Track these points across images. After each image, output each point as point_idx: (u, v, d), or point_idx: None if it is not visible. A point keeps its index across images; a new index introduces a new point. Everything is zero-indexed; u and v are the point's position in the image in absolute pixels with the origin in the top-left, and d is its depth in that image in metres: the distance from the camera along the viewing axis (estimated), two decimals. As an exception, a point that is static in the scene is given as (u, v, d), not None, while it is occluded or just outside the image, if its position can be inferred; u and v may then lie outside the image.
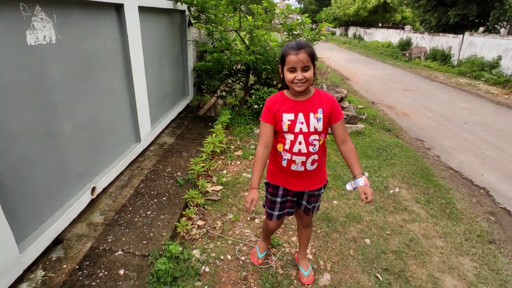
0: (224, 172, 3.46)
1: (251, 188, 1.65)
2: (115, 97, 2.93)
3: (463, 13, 14.16)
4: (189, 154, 3.70)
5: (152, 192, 2.89)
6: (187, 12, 4.78)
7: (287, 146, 1.70)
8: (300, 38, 4.73)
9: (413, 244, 2.56)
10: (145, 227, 2.44)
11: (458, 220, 2.92)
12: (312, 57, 1.58)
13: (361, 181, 1.60)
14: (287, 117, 1.67)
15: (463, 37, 13.50)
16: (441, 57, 14.24)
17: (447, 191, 3.41)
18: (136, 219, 2.52)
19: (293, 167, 1.74)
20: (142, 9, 3.34)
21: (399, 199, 3.20)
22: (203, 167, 3.16)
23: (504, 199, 3.44)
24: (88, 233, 2.34)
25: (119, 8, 2.87)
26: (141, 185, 2.99)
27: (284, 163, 1.76)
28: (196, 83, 5.83)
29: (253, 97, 4.84)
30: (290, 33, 4.66)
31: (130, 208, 2.65)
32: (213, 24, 4.89)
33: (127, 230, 2.40)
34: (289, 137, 1.69)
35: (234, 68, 5.42)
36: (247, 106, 4.98)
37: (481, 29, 15.98)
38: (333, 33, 31.64)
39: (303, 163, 1.72)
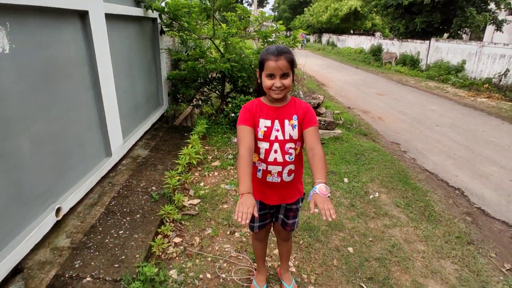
0: (202, 184, 3.33)
1: (242, 194, 1.31)
2: (81, 109, 2.75)
3: (428, 20, 14.84)
4: (164, 167, 3.54)
5: (125, 210, 2.72)
6: (159, 20, 4.64)
7: (261, 156, 1.63)
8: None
9: (395, 250, 2.54)
10: (117, 249, 2.27)
11: (437, 223, 2.94)
12: (292, 63, 1.52)
13: (317, 189, 1.29)
14: (263, 123, 1.60)
15: (429, 43, 14.16)
16: (411, 62, 14.84)
17: (424, 194, 3.45)
18: (107, 240, 2.34)
19: (269, 178, 1.66)
20: (110, 17, 3.19)
21: (379, 204, 3.20)
22: (179, 180, 3.02)
23: (478, 199, 3.52)
24: (52, 260, 2.14)
25: (83, 15, 2.71)
26: (113, 203, 2.80)
27: (259, 174, 1.68)
28: (171, 92, 5.67)
29: (230, 105, 4.76)
30: (265, 40, 4.64)
31: (100, 229, 2.46)
32: (186, 32, 4.79)
33: (97, 253, 2.22)
34: (264, 145, 1.61)
35: (210, 76, 5.32)
36: (224, 114, 4.88)
37: (446, 35, 16.84)
38: (308, 40, 32.29)
39: (279, 174, 1.64)
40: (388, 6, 16.15)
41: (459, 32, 15.07)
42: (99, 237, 2.37)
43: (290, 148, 1.61)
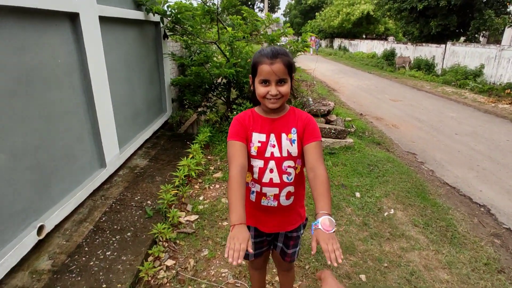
0: (201, 198, 3.10)
1: (234, 225, 1.06)
2: (70, 118, 2.56)
3: (444, 23, 14.38)
4: (162, 178, 3.33)
5: (115, 227, 2.50)
6: (162, 24, 4.48)
7: (255, 175, 1.38)
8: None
9: (414, 279, 2.23)
10: (101, 273, 2.05)
11: (461, 246, 2.62)
12: (290, 68, 1.28)
13: (319, 223, 1.05)
14: (257, 138, 1.37)
15: (445, 46, 13.68)
16: (425, 67, 14.36)
17: (446, 211, 3.12)
18: (91, 263, 2.13)
19: (264, 201, 1.41)
20: (105, 20, 3.02)
21: (395, 222, 2.89)
22: (175, 194, 2.79)
23: (507, 218, 3.17)
24: (30, 285, 1.93)
25: (73, 18, 2.54)
26: (103, 219, 2.59)
27: (253, 197, 1.44)
28: (177, 98, 5.50)
29: (235, 112, 4.53)
30: (272, 44, 4.41)
31: (86, 249, 2.25)
32: (190, 36, 4.61)
33: (79, 278, 2.00)
34: (258, 163, 1.37)
35: (215, 82, 5.12)
36: (229, 122, 4.66)
37: (462, 38, 16.29)
38: (320, 45, 31.94)
39: (276, 197, 1.39)
40: (402, 10, 15.75)
41: (476, 35, 14.55)
42: (83, 259, 2.15)
43: (289, 166, 1.37)
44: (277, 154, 1.36)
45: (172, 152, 4.06)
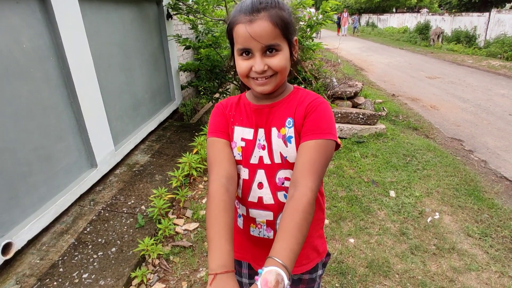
0: (204, 201, 2.67)
1: (214, 275, 0.64)
2: (45, 114, 2.18)
3: (488, -12, 12.78)
4: (163, 177, 2.93)
5: (99, 240, 2.13)
6: (164, 2, 4.01)
7: (239, 191, 0.94)
8: (300, 22, 3.86)
9: (474, 314, 1.68)
10: (73, 303, 1.69)
11: (535, 266, 2.00)
12: (284, 27, 0.78)
13: (259, 277, 0.60)
14: (240, 134, 0.91)
15: (489, 15, 12.16)
16: (466, 39, 12.91)
17: (508, 215, 2.48)
18: (64, 288, 1.77)
19: (254, 231, 0.96)
20: (87, -4, 2.58)
21: (441, 231, 2.31)
22: (171, 200, 2.38)
23: None
24: (-11, 318, 1.60)
25: (41, -7, 2.12)
26: (88, 229, 2.23)
27: (240, 223, 1.00)
28: (194, 80, 5.06)
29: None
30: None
31: (61, 269, 1.90)
32: (196, 14, 4.10)
33: (46, 310, 1.65)
34: (242, 173, 0.92)
35: (227, 64, 4.62)
36: (241, 109, 4.16)
37: (508, 5, 14.49)
38: (358, 23, 29.89)
39: (271, 225, 0.93)
40: (439, -24, 14.18)
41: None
42: (55, 283, 1.80)
43: (286, 179, 0.90)
44: (267, 160, 0.89)
45: (178, 146, 3.65)
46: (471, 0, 13.84)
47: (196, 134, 3.95)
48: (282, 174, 0.88)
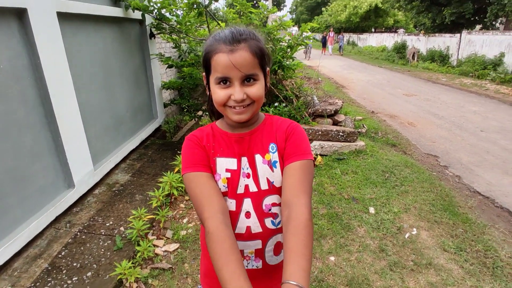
0: (185, 220, 2.64)
1: None
2: (20, 134, 2.14)
3: (458, 11, 13.58)
4: (143, 197, 2.89)
5: (75, 264, 2.06)
6: (147, 21, 4.05)
7: None
8: (281, 43, 3.98)
9: (450, 330, 1.71)
10: (45, 332, 1.61)
11: (508, 279, 2.07)
12: (262, 57, 0.82)
13: None
14: (224, 164, 0.90)
15: (460, 36, 12.87)
16: (440, 58, 13.57)
17: (481, 230, 2.57)
18: (36, 317, 1.69)
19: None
20: (68, 17, 2.59)
21: (419, 246, 2.36)
22: (151, 220, 2.34)
23: (558, 235, 2.59)
24: None
25: (20, 14, 2.12)
26: (63, 253, 2.16)
27: None
28: (177, 99, 5.06)
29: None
30: (268, 38, 3.92)
31: (32, 297, 1.82)
32: (179, 34, 4.16)
33: None
34: (228, 205, 0.90)
35: (199, 93, 4.68)
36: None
37: (478, 27, 15.40)
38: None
39: (259, 254, 0.93)
40: (413, -1, 15.01)
41: (494, 22, 13.68)
42: (25, 312, 1.72)
43: (273, 204, 0.91)
44: (253, 187, 0.90)
45: (159, 164, 3.62)
46: (443, 22, 14.61)
47: (178, 152, 3.93)
48: (268, 200, 0.90)
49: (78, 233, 2.35)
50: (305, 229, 0.73)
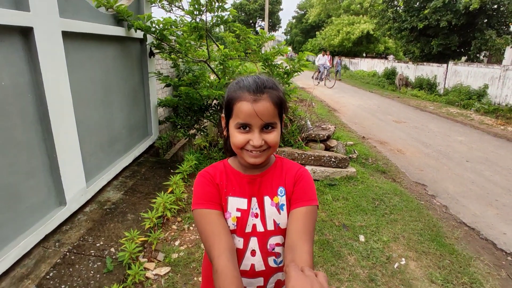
0: (177, 243, 2.62)
1: None
2: (16, 151, 2.13)
3: (445, 43, 14.24)
4: (135, 217, 2.86)
5: (63, 287, 2.02)
6: (146, 41, 4.13)
7: None
8: (278, 69, 4.10)
9: None
10: None
11: (492, 314, 2.12)
12: (281, 107, 0.90)
13: None
14: (235, 204, 0.95)
15: (447, 66, 13.44)
16: (427, 86, 14.09)
17: (467, 262, 2.63)
18: None
19: None
20: (72, 36, 2.64)
21: (407, 277, 2.40)
22: (143, 243, 2.33)
23: (540, 270, 2.68)
24: None
25: (26, 32, 2.15)
26: (51, 274, 2.11)
27: None
28: (172, 116, 5.08)
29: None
30: (266, 63, 4.04)
31: (17, 321, 1.77)
32: (178, 54, 4.25)
33: None
34: (236, 242, 0.95)
35: (206, 103, 4.73)
36: (218, 148, 4.23)
37: (464, 58, 16.13)
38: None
39: None
40: (402, 29, 15.67)
41: (478, 55, 14.37)
42: (9, 338, 1.67)
43: (277, 244, 0.96)
44: (260, 227, 0.95)
45: (152, 183, 3.61)
46: (431, 52, 15.26)
47: (172, 171, 3.94)
48: (273, 240, 0.94)
49: (67, 253, 2.31)
50: None
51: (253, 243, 0.94)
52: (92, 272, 2.16)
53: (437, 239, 2.90)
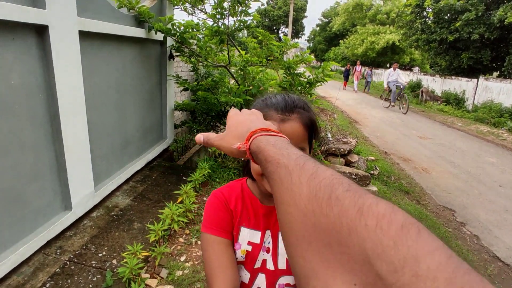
0: (183, 259, 2.46)
1: None
2: (22, 152, 2.05)
3: (476, 57, 13.62)
4: (142, 226, 2.74)
5: (58, 301, 1.90)
6: (168, 43, 4.05)
7: None
8: (300, 78, 3.91)
9: None
10: None
11: None
12: (312, 130, 0.77)
13: None
14: (247, 236, 0.83)
15: (477, 81, 12.81)
16: (455, 101, 13.48)
17: (503, 305, 2.33)
18: None
19: None
20: (90, 36, 2.56)
21: (434, 319, 2.13)
22: (146, 258, 2.18)
23: None
24: None
25: (40, 31, 2.08)
26: (47, 285, 2.00)
27: None
28: (188, 121, 5.00)
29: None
30: (288, 72, 3.86)
31: (6, 337, 1.65)
32: (198, 58, 4.15)
33: None
34: (242, 275, 0.83)
35: (224, 109, 4.61)
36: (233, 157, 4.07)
37: (495, 73, 15.39)
38: (341, 72, 31.40)
39: None
40: (431, 41, 15.14)
41: (511, 71, 13.66)
42: None
43: (287, 285, 0.82)
44: (270, 265, 0.81)
45: (163, 190, 3.48)
46: (460, 66, 14.65)
47: (184, 178, 3.81)
48: (283, 280, 0.81)
49: (68, 262, 2.20)
50: None
51: (260, 280, 0.81)
52: (90, 285, 2.03)
53: (468, 275, 2.60)
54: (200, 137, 0.60)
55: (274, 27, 44.67)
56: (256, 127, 0.52)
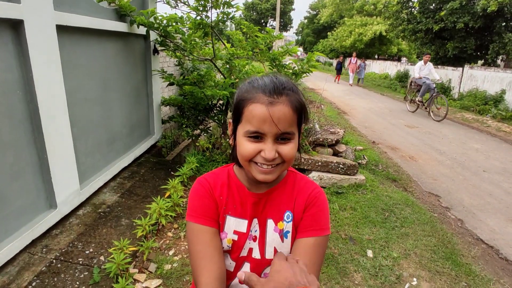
0: (171, 252, 2.47)
1: None
2: (2, 150, 2.00)
3: (461, 46, 13.82)
4: (129, 222, 2.72)
5: (45, 299, 1.88)
6: (152, 37, 3.99)
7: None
8: (286, 70, 3.91)
9: None
10: None
11: None
12: (301, 113, 0.74)
13: None
14: (234, 225, 0.82)
15: (462, 70, 13.02)
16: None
17: (485, 284, 2.41)
18: None
19: None
20: (68, 30, 2.51)
21: (419, 300, 2.19)
22: (134, 253, 2.18)
23: None
24: None
25: (15, 26, 2.02)
26: (33, 284, 1.98)
27: None
28: (176, 116, 4.96)
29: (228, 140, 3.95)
30: (273, 63, 3.86)
31: (-9, 337, 1.63)
32: (183, 52, 4.10)
33: None
34: (226, 264, 0.82)
35: (211, 103, 4.58)
36: (221, 150, 4.07)
37: (480, 62, 15.65)
38: (330, 64, 31.60)
39: None
40: (417, 31, 15.29)
41: (495, 59, 13.90)
42: None
43: None
44: (256, 253, 0.81)
45: (151, 185, 3.47)
46: (446, 55, 14.84)
47: (172, 172, 3.80)
48: (269, 270, 0.80)
49: (54, 261, 2.18)
50: None
51: (245, 269, 0.81)
52: (77, 283, 2.02)
53: (452, 258, 2.67)
54: (242, 274, 0.62)
55: (262, 21, 44.41)
56: (298, 284, 0.57)
